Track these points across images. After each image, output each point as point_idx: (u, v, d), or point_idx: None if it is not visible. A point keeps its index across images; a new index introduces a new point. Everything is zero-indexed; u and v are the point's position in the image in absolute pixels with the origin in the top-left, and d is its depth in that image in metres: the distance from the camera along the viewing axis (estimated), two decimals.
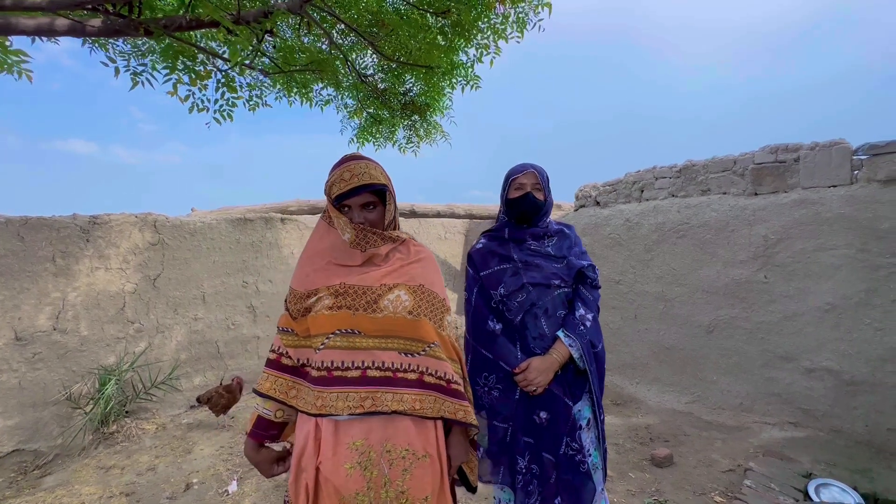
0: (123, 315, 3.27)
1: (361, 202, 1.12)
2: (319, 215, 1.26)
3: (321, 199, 4.44)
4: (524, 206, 1.46)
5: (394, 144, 3.14)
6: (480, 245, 1.57)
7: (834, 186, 2.86)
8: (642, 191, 3.94)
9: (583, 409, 1.45)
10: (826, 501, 2.23)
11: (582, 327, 1.43)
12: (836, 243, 2.82)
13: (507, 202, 1.51)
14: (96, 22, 1.29)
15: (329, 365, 1.07)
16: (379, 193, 1.14)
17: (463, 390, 1.16)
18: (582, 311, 1.46)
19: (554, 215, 4.90)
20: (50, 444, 2.94)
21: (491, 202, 5.29)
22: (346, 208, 1.13)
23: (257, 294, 3.97)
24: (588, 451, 1.43)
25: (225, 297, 3.78)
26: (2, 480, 2.70)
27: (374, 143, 3.08)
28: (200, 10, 1.26)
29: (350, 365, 1.07)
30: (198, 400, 3.31)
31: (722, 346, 3.35)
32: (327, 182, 1.14)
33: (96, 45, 1.99)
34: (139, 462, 2.85)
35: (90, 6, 1.19)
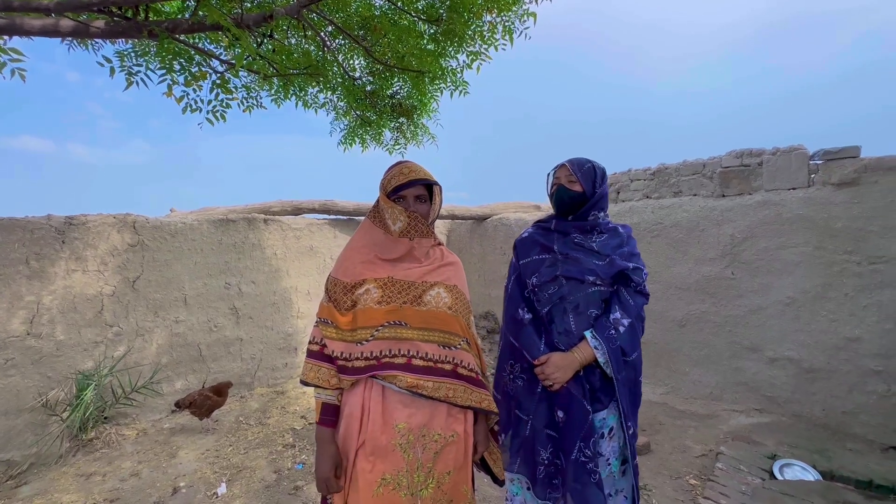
0: (102, 318, 3.18)
1: (416, 193, 1.25)
2: (303, 215, 1.35)
3: (304, 200, 4.42)
4: (556, 198, 1.47)
5: (381, 145, 3.19)
6: (526, 234, 1.56)
7: (793, 189, 3.08)
8: (619, 192, 4.11)
9: (608, 418, 1.37)
10: (789, 479, 2.41)
11: (613, 331, 1.34)
12: (795, 241, 3.04)
13: (549, 198, 1.53)
14: (100, 23, 1.29)
15: (378, 354, 1.18)
16: (428, 191, 1.29)
17: (486, 382, 1.29)
18: (617, 315, 1.36)
19: (533, 215, 5.02)
20: (24, 452, 2.83)
21: (464, 203, 5.38)
22: (401, 199, 1.25)
23: (240, 296, 3.93)
24: (608, 459, 1.36)
25: (207, 298, 3.72)
26: None
27: (361, 144, 3.12)
28: (205, 13, 1.28)
29: (397, 353, 1.18)
30: (177, 405, 3.25)
31: (693, 339, 3.55)
32: (384, 180, 1.27)
33: (83, 45, 1.97)
34: (121, 468, 2.79)
35: (96, 8, 1.19)
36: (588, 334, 1.35)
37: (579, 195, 1.43)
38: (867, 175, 2.78)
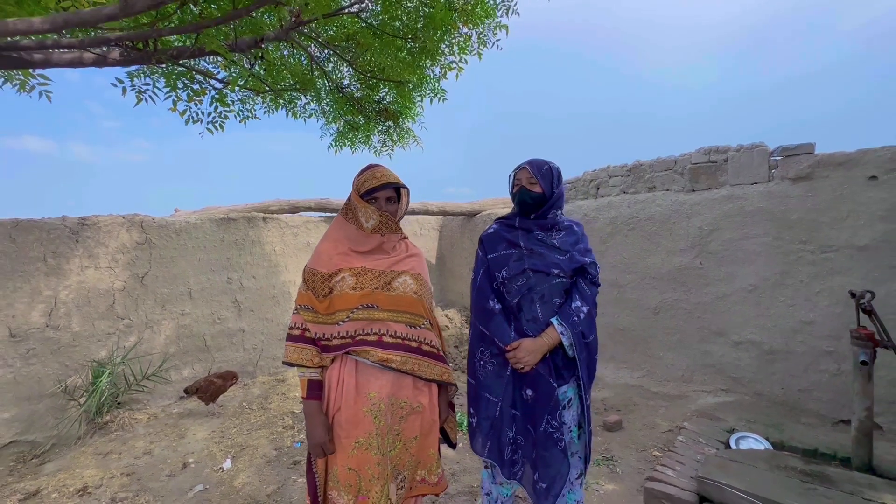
0: (113, 311, 3.44)
1: (386, 195, 1.42)
2: (299, 213, 1.57)
3: (301, 199, 4.66)
4: (519, 199, 1.59)
5: (369, 148, 3.42)
6: (492, 230, 1.67)
7: (755, 183, 3.29)
8: (598, 188, 4.33)
9: (567, 391, 1.54)
10: (742, 448, 2.65)
11: (576, 318, 1.51)
12: (756, 233, 3.26)
13: (512, 197, 1.65)
14: (115, 54, 1.52)
15: (353, 333, 1.37)
16: (396, 192, 1.46)
17: (446, 358, 1.51)
18: (578, 304, 1.53)
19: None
20: (46, 434, 3.10)
21: (466, 199, 5.63)
22: (373, 200, 1.41)
23: (241, 290, 4.17)
24: (570, 427, 1.54)
25: (210, 292, 3.97)
26: (2, 469, 2.86)
27: (350, 147, 3.34)
28: (205, 42, 1.50)
29: (370, 331, 1.38)
30: (186, 391, 3.51)
31: (666, 325, 3.78)
32: (357, 181, 1.43)
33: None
34: (135, 447, 3.05)
35: (113, 43, 1.42)
36: (555, 321, 1.50)
37: (540, 196, 1.56)
38: (820, 170, 2.99)
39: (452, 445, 1.67)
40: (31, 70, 1.53)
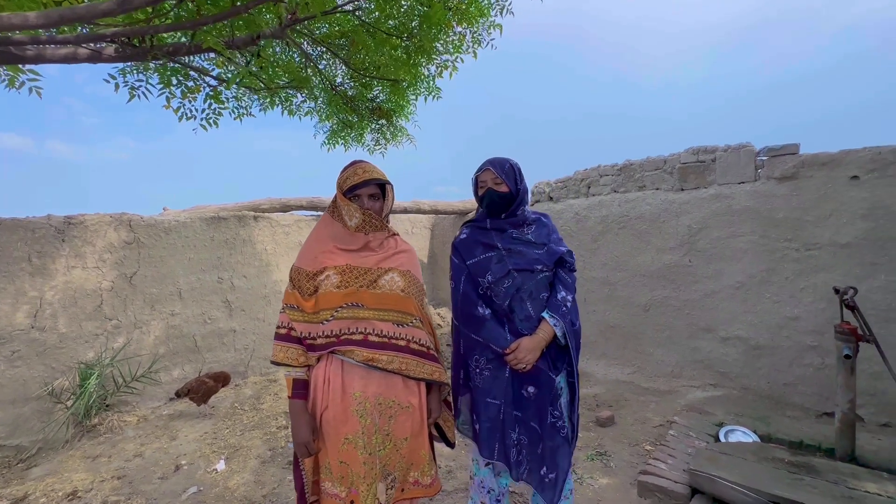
0: (101, 312, 3.37)
1: (369, 192, 1.39)
2: (291, 212, 1.54)
3: (292, 198, 4.63)
4: (487, 200, 1.58)
5: (362, 146, 3.41)
6: (464, 235, 1.65)
7: (742, 183, 3.37)
8: (589, 187, 4.38)
9: (559, 380, 1.56)
10: (731, 441, 2.72)
11: (564, 308, 1.53)
12: (743, 231, 3.33)
13: (478, 199, 1.66)
14: (110, 50, 1.49)
15: (338, 332, 1.34)
16: (380, 188, 1.43)
17: (438, 356, 1.47)
18: (563, 294, 1.55)
19: None
20: (32, 438, 3.03)
21: (454, 198, 5.64)
22: (356, 198, 1.38)
23: (232, 289, 4.13)
24: (565, 415, 1.56)
25: (201, 292, 3.92)
26: None
27: (344, 145, 3.33)
28: (202, 39, 1.48)
29: (355, 330, 1.35)
30: (177, 393, 3.46)
31: (656, 322, 3.85)
32: (340, 178, 1.41)
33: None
34: (125, 450, 3.00)
35: (108, 39, 1.39)
36: (546, 315, 1.52)
37: (507, 194, 1.56)
38: (804, 170, 3.07)
39: (450, 445, 1.64)
40: (20, 65, 1.50)
